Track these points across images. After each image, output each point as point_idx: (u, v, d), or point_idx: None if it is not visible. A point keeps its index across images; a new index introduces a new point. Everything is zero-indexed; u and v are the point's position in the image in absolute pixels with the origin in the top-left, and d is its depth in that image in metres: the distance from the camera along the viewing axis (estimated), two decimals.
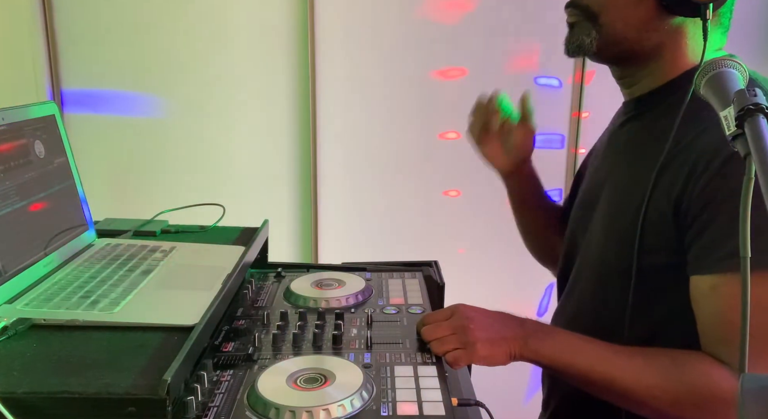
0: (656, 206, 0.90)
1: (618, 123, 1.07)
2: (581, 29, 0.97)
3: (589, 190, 1.11)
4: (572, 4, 0.98)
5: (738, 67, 0.70)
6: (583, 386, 0.92)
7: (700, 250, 0.86)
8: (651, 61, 0.96)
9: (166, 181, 2.18)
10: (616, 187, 1.01)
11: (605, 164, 1.08)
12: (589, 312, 1.04)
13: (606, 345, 0.91)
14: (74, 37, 2.07)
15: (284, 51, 2.12)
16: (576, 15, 0.98)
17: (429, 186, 2.25)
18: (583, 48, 0.97)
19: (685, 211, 0.87)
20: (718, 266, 0.84)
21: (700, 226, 0.85)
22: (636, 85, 1.01)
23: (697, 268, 0.87)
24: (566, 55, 1.00)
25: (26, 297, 0.94)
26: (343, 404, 0.75)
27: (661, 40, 0.94)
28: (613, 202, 1.01)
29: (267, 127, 2.18)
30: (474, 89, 1.13)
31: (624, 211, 0.96)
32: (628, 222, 0.93)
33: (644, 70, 0.98)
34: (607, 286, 1.00)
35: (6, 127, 1.01)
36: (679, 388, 0.85)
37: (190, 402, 0.74)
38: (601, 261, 1.02)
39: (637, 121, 1.02)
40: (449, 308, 0.97)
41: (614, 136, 1.08)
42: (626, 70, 1.01)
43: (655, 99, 0.98)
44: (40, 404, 0.70)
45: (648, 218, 0.91)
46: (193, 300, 0.94)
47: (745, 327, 0.56)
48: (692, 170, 0.86)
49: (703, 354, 0.86)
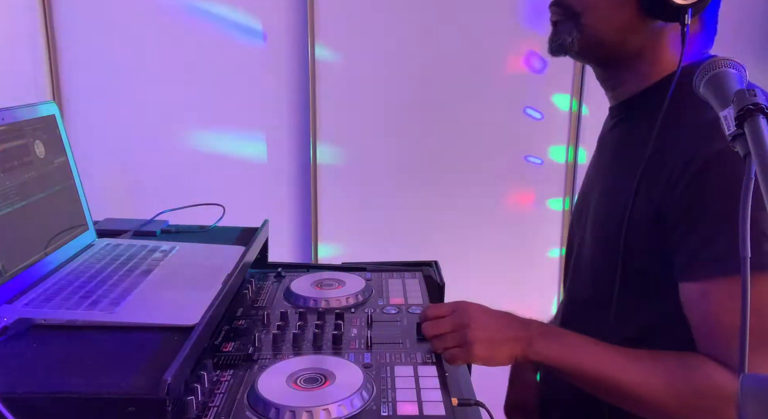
0: (639, 212, 0.91)
1: (606, 128, 1.08)
2: (563, 28, 0.97)
3: (581, 196, 1.13)
4: (556, 3, 0.99)
5: (738, 67, 0.70)
6: (588, 388, 0.91)
7: (685, 257, 0.86)
8: (633, 64, 0.97)
9: (166, 181, 2.18)
10: (602, 193, 1.02)
11: (595, 170, 1.09)
12: (580, 316, 1.05)
13: (612, 347, 0.90)
14: (74, 37, 2.07)
15: (284, 51, 2.12)
16: (558, 14, 0.98)
17: (429, 186, 2.25)
18: (565, 47, 0.97)
19: (666, 217, 0.87)
20: (704, 272, 0.84)
21: (683, 232, 0.86)
22: (619, 88, 1.01)
23: (684, 275, 0.87)
24: (549, 53, 1.01)
25: (26, 297, 0.94)
26: (343, 404, 0.75)
27: (642, 43, 0.95)
28: (600, 209, 1.02)
29: (267, 126, 2.18)
30: (475, 88, 1.14)
31: (610, 218, 0.96)
32: (615, 228, 0.94)
33: (626, 73, 0.98)
34: (597, 290, 1.00)
35: (6, 127, 1.01)
36: (685, 391, 0.85)
37: (190, 402, 0.74)
38: (591, 266, 1.03)
39: (622, 125, 1.02)
40: (452, 303, 0.96)
41: (603, 142, 1.09)
42: (608, 72, 1.01)
43: (637, 103, 0.99)
44: (40, 404, 0.70)
45: (632, 224, 0.91)
46: (193, 300, 0.94)
47: (745, 328, 0.56)
48: (670, 175, 0.86)
49: (704, 356, 0.86)
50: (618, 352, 0.90)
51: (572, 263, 1.11)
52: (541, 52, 2.16)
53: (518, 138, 2.23)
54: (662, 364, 0.88)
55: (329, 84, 2.13)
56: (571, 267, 1.11)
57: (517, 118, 2.21)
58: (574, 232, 1.13)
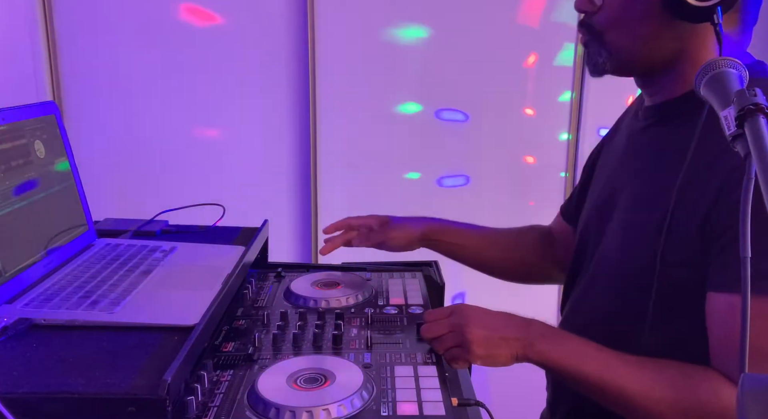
0: (680, 221, 0.87)
1: (639, 127, 1.03)
2: (593, 50, 0.96)
3: (604, 193, 1.07)
4: (582, 23, 0.97)
5: (738, 67, 0.70)
6: (589, 393, 0.90)
7: (720, 267, 0.84)
8: (672, 67, 0.93)
9: (166, 181, 2.18)
10: (635, 196, 0.98)
11: (623, 168, 1.04)
12: (604, 323, 1.01)
13: (616, 353, 0.89)
14: (74, 37, 2.07)
15: (284, 51, 2.12)
16: (586, 35, 0.97)
17: (429, 186, 2.25)
18: (599, 67, 0.96)
19: (712, 228, 0.84)
20: (737, 285, 0.82)
21: (725, 244, 0.83)
22: (660, 92, 0.98)
23: (715, 285, 0.84)
24: (590, 75, 0.99)
25: (26, 297, 0.94)
26: (343, 404, 0.75)
27: (680, 46, 0.91)
28: (632, 213, 0.98)
29: (267, 126, 2.18)
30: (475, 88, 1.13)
31: (644, 224, 0.93)
32: (649, 235, 0.91)
33: (667, 78, 0.95)
34: (624, 298, 0.97)
35: (6, 127, 1.01)
36: (687, 402, 0.84)
37: (190, 402, 0.74)
38: (618, 273, 0.99)
39: (660, 128, 0.98)
40: (450, 306, 0.96)
41: (634, 140, 1.04)
42: (648, 79, 0.98)
43: (679, 107, 0.95)
44: (40, 404, 0.70)
45: (671, 233, 0.88)
46: (193, 300, 0.94)
47: (745, 329, 0.56)
48: (723, 187, 0.83)
49: (712, 370, 0.85)
50: (621, 359, 0.88)
51: (589, 267, 1.06)
52: (542, 52, 2.16)
53: (519, 137, 2.23)
54: (666, 374, 0.86)
55: (329, 84, 2.13)
56: (589, 271, 1.06)
57: (518, 116, 2.21)
58: (589, 231, 1.09)
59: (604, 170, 1.12)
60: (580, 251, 1.12)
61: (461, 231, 1.30)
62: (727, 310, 0.83)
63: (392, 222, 1.25)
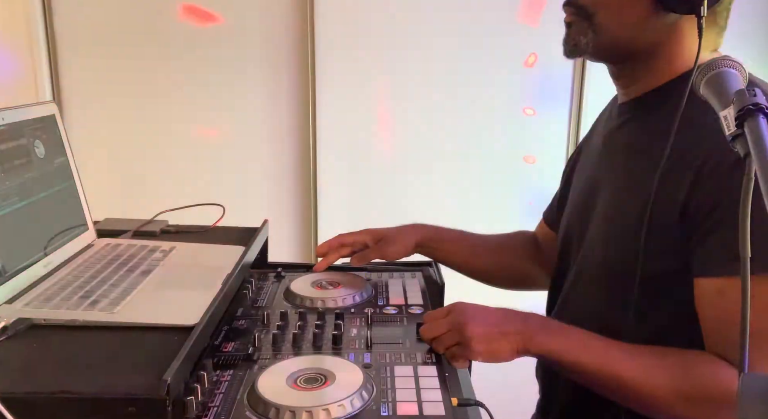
0: (660, 210, 0.89)
1: (614, 125, 1.05)
2: (578, 29, 0.96)
3: (583, 193, 1.09)
4: (569, 3, 0.97)
5: (738, 67, 0.70)
6: (590, 383, 0.91)
7: (706, 253, 0.85)
8: (648, 60, 0.95)
9: (166, 181, 2.18)
10: (614, 190, 1.00)
11: (601, 167, 1.06)
12: (592, 317, 1.02)
13: (615, 343, 0.90)
14: (74, 37, 2.07)
15: (284, 51, 2.12)
16: (573, 14, 0.97)
17: (430, 186, 2.25)
18: (580, 48, 0.96)
19: (692, 215, 0.86)
20: (725, 269, 0.83)
21: (708, 229, 0.84)
22: (633, 85, 1.00)
23: (703, 271, 0.86)
24: (564, 56, 1.00)
25: (26, 297, 0.94)
26: (343, 404, 0.75)
27: (657, 39, 0.94)
28: (612, 207, 1.00)
29: (267, 126, 2.18)
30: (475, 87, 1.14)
31: (625, 216, 0.95)
32: (630, 226, 0.92)
33: (641, 70, 0.97)
34: (610, 291, 0.99)
35: (6, 127, 1.01)
36: (687, 388, 0.85)
37: (190, 402, 0.74)
38: (603, 266, 1.00)
39: (634, 123, 1.00)
40: (449, 305, 0.96)
41: (611, 139, 1.06)
42: (624, 69, 1.00)
43: (652, 100, 0.97)
44: (40, 404, 0.70)
45: (653, 224, 0.89)
46: (193, 300, 0.94)
47: (745, 327, 0.56)
48: (699, 173, 0.85)
49: (710, 355, 0.86)
50: (619, 347, 0.89)
51: (573, 265, 1.08)
52: (541, 51, 2.16)
53: (519, 136, 2.23)
54: (665, 360, 0.87)
55: (329, 83, 2.13)
56: (573, 268, 1.08)
57: (517, 116, 2.21)
58: (571, 231, 1.10)
59: (583, 172, 1.14)
60: (563, 252, 1.14)
61: (450, 239, 1.30)
62: (716, 294, 0.85)
63: (386, 237, 1.24)
